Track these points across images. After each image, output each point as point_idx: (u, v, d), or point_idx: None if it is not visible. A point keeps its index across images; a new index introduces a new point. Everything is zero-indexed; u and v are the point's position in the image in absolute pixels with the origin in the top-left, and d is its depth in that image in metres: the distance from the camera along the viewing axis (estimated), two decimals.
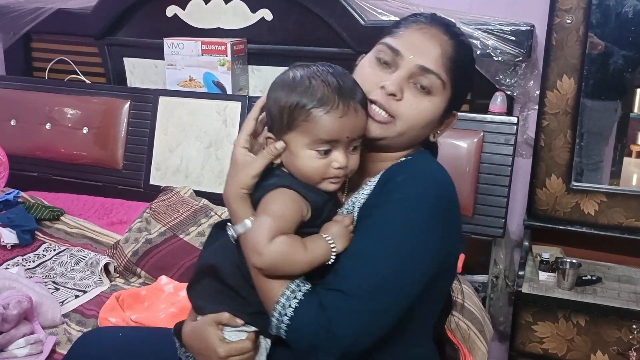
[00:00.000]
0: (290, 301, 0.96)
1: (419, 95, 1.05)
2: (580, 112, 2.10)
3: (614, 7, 2.04)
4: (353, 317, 0.94)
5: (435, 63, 1.04)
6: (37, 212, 2.39)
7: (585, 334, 2.01)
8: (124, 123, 2.63)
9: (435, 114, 1.07)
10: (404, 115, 1.04)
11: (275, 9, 2.50)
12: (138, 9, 2.71)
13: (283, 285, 0.98)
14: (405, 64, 1.05)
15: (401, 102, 1.04)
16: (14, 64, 3.03)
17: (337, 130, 0.98)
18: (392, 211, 0.99)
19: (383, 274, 0.96)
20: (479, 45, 2.15)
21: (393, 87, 1.03)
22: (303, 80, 1.00)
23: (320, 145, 0.99)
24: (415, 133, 1.07)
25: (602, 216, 2.12)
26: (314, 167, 1.00)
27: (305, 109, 0.98)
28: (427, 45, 1.05)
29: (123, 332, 1.40)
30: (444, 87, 1.05)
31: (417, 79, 1.04)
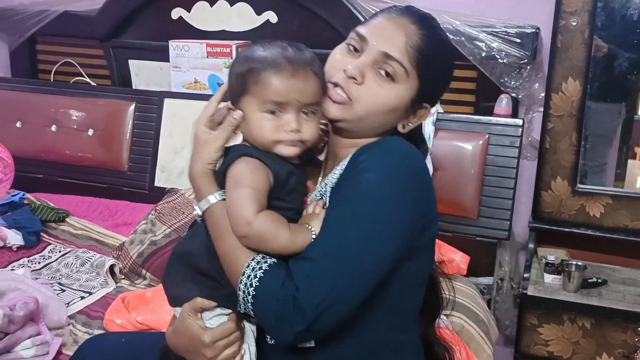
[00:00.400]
0: (256, 272, 0.96)
1: (381, 81, 1.05)
2: (586, 114, 2.09)
3: (619, 9, 2.04)
4: (318, 283, 0.94)
5: (399, 51, 1.05)
6: (43, 214, 2.40)
7: (590, 337, 2.01)
8: (129, 125, 2.64)
9: (397, 102, 1.07)
10: (362, 99, 1.05)
11: (280, 12, 2.50)
12: (143, 12, 2.72)
13: (248, 258, 0.98)
14: (369, 49, 1.06)
15: (361, 86, 1.05)
16: (20, 66, 3.04)
17: (285, 91, 1.00)
18: (360, 183, 1.00)
19: (349, 240, 0.96)
20: (484, 48, 2.15)
21: (354, 71, 1.04)
22: (259, 49, 1.04)
23: (270, 106, 1.01)
24: (375, 119, 1.07)
25: (607, 218, 2.11)
26: (266, 128, 1.02)
27: (255, 72, 1.01)
28: (393, 33, 1.06)
29: (126, 338, 1.40)
30: (408, 75, 1.05)
31: (381, 65, 1.05)
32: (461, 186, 2.15)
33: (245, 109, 1.04)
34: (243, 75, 1.03)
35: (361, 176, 1.01)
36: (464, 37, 2.16)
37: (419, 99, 1.09)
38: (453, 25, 2.17)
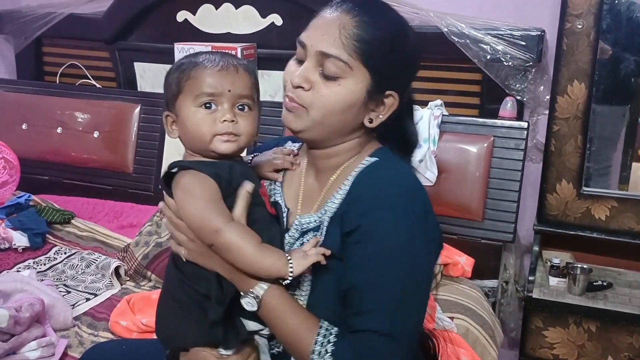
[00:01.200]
0: (326, 346, 0.97)
1: (327, 82, 1.03)
2: (591, 117, 2.09)
3: (625, 12, 2.04)
4: (391, 353, 0.97)
5: (333, 46, 1.01)
6: (48, 216, 2.41)
7: (596, 340, 2.00)
8: (134, 127, 2.65)
9: (350, 98, 1.03)
10: (313, 104, 1.03)
11: (285, 14, 2.51)
12: (149, 14, 2.73)
13: (314, 332, 0.99)
14: (309, 54, 1.05)
15: (310, 91, 1.04)
16: (26, 68, 3.06)
17: (217, 83, 1.02)
18: (384, 231, 0.98)
19: (404, 301, 0.98)
20: (489, 50, 2.15)
21: (297, 80, 1.04)
22: (190, 56, 1.08)
23: (203, 99, 1.02)
24: (334, 119, 1.05)
25: (612, 221, 2.11)
26: (202, 123, 1.02)
27: (187, 70, 1.04)
28: (325, 29, 1.03)
29: (126, 345, 1.40)
30: (350, 67, 1.02)
31: (323, 65, 1.03)
32: (466, 189, 2.15)
33: (180, 110, 1.05)
34: (176, 78, 1.05)
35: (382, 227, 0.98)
36: (469, 40, 2.16)
37: (378, 88, 1.05)
38: (458, 27, 2.17)
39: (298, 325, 1.00)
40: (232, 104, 1.03)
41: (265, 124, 2.44)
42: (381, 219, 0.99)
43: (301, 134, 1.08)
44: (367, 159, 1.09)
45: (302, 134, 1.08)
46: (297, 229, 1.10)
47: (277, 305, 1.00)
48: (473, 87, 2.33)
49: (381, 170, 1.06)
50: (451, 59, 2.28)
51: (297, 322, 1.00)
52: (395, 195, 1.01)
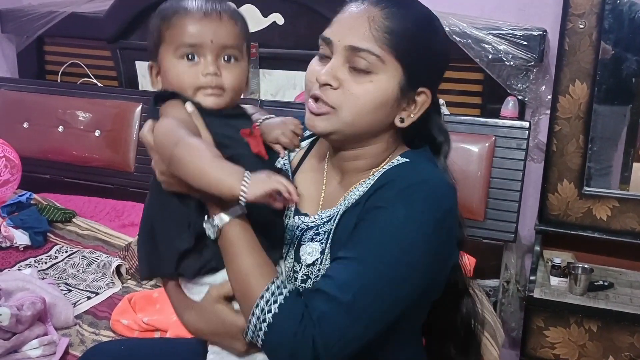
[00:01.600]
0: (276, 297, 0.90)
1: (358, 78, 0.97)
2: (593, 117, 2.09)
3: (627, 12, 2.04)
4: (337, 324, 0.90)
5: (364, 39, 0.95)
6: (49, 214, 2.41)
7: (597, 340, 2.00)
8: (135, 126, 2.65)
9: (383, 94, 0.97)
10: (344, 104, 0.97)
11: (286, 13, 2.51)
12: (150, 13, 2.68)
13: (266, 281, 0.91)
14: (336, 50, 0.98)
15: (339, 90, 0.97)
16: (27, 67, 3.06)
17: (198, 33, 0.96)
18: (390, 221, 0.94)
19: (377, 285, 0.92)
20: (491, 50, 2.15)
21: (326, 77, 0.97)
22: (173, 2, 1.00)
23: (184, 50, 0.96)
24: (366, 120, 0.99)
25: (614, 221, 2.11)
26: (183, 74, 0.97)
27: (167, 18, 0.97)
28: (354, 23, 0.97)
29: (125, 345, 1.38)
30: (384, 62, 0.96)
31: (352, 60, 0.97)
32: (467, 188, 2.15)
33: (162, 61, 0.99)
34: (157, 26, 0.99)
35: (392, 213, 0.94)
36: (471, 40, 2.16)
37: (410, 85, 0.99)
38: (460, 27, 2.17)
39: (253, 267, 0.92)
40: (215, 55, 0.97)
41: None
42: (395, 210, 0.94)
43: (329, 137, 1.02)
44: (398, 158, 1.04)
45: (330, 136, 1.02)
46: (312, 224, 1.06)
47: (236, 239, 0.93)
48: (475, 86, 2.33)
49: (411, 167, 1.01)
50: (453, 58, 2.25)
51: (253, 264, 0.93)
52: (415, 191, 0.96)
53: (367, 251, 0.93)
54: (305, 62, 2.50)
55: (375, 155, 1.05)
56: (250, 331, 0.92)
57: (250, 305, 0.91)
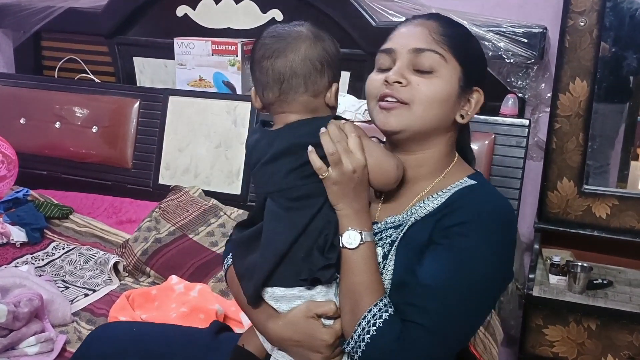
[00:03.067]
0: (382, 313, 0.99)
1: (424, 76, 1.06)
2: (593, 115, 2.08)
3: (627, 9, 2.03)
4: (429, 352, 0.98)
5: (426, 41, 1.07)
6: (46, 211, 2.39)
7: (596, 338, 2.00)
8: (133, 122, 2.64)
9: (448, 89, 1.07)
10: (415, 97, 1.06)
11: (285, 9, 2.50)
12: (148, 9, 2.71)
13: (375, 298, 1.01)
14: (399, 55, 1.08)
15: (408, 87, 1.06)
16: (24, 62, 3.04)
17: None
18: (472, 250, 1.00)
19: (462, 313, 1.00)
20: (491, 47, 2.14)
21: (395, 76, 1.06)
22: (311, 30, 1.09)
23: None
24: (434, 113, 1.07)
25: (613, 220, 2.11)
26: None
27: (339, 61, 1.10)
28: (413, 31, 1.09)
29: (137, 328, 1.39)
30: (446, 60, 1.07)
31: (416, 62, 1.06)
32: None
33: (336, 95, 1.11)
34: (339, 66, 1.10)
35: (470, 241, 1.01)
36: None
37: (467, 82, 1.09)
38: None
39: (370, 283, 1.01)
40: None
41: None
42: (470, 233, 1.01)
43: (400, 134, 1.09)
44: (465, 179, 1.11)
45: (401, 134, 1.09)
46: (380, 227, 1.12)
47: (368, 256, 1.02)
48: None
49: (482, 193, 1.09)
50: None
51: (372, 280, 1.02)
52: (491, 219, 1.03)
53: (453, 279, 1.00)
54: None
55: (437, 161, 1.13)
56: (353, 341, 1.01)
57: (358, 317, 1.00)
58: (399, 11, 2.29)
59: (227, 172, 2.46)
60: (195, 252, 2.04)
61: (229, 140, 2.47)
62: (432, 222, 1.05)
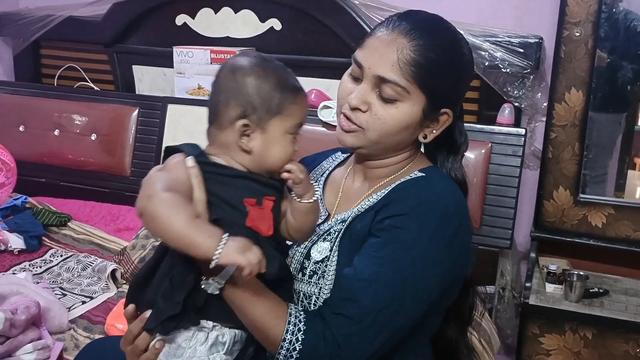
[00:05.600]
0: (296, 335, 0.96)
1: (385, 104, 1.05)
2: (588, 124, 2.10)
3: (622, 20, 2.05)
4: (362, 344, 0.97)
5: (392, 71, 1.02)
6: (45, 218, 2.40)
7: (592, 347, 2.01)
8: (132, 130, 2.64)
9: (407, 119, 1.05)
10: (371, 126, 1.06)
11: (284, 19, 2.51)
12: (148, 17, 2.73)
13: (283, 321, 0.97)
14: (366, 76, 1.06)
15: (367, 113, 1.06)
16: (24, 70, 3.05)
17: (305, 115, 1.04)
18: (405, 240, 0.99)
19: (395, 304, 0.98)
20: (487, 57, 2.16)
21: (355, 102, 1.06)
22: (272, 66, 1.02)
23: (297, 130, 1.03)
24: (391, 140, 1.08)
25: (609, 229, 2.11)
26: (286, 150, 1.02)
27: (293, 94, 1.01)
28: (383, 53, 1.04)
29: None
30: (408, 92, 1.03)
31: (380, 88, 1.04)
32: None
33: (272, 129, 1.00)
34: (280, 97, 0.99)
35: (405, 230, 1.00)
36: None
37: (433, 108, 1.07)
38: None
39: (266, 314, 0.97)
40: None
41: None
42: (405, 225, 1.00)
43: (358, 150, 1.12)
44: (415, 172, 1.11)
45: (359, 150, 1.11)
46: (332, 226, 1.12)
47: (239, 293, 0.96)
48: (471, 93, 2.34)
49: (424, 185, 1.08)
50: None
51: (264, 311, 0.97)
52: (428, 210, 1.02)
53: (385, 271, 0.99)
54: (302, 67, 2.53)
55: (398, 163, 1.14)
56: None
57: (277, 346, 0.97)
58: None
59: None
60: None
61: None
62: (372, 214, 1.06)
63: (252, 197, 0.99)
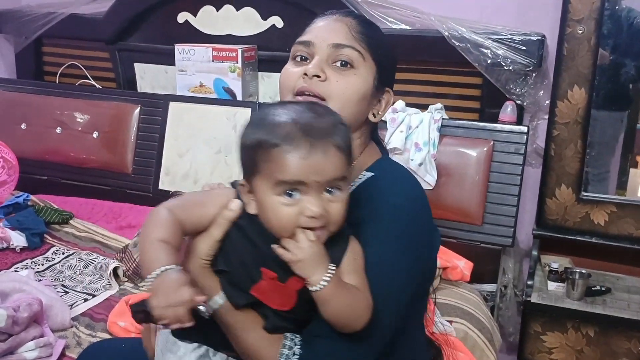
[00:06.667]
0: (291, 358, 0.93)
1: (342, 72, 1.05)
2: (591, 122, 2.09)
3: (625, 18, 2.04)
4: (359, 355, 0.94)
5: (346, 37, 1.05)
6: (47, 216, 2.40)
7: (594, 345, 2.00)
8: (133, 128, 2.64)
9: (365, 87, 1.06)
10: (333, 93, 1.03)
11: (286, 16, 2.51)
12: (149, 15, 2.73)
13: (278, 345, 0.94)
14: (319, 49, 1.06)
15: (326, 82, 1.04)
16: (26, 68, 3.05)
17: (300, 172, 0.85)
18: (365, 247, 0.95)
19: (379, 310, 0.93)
20: (490, 55, 2.15)
21: (314, 70, 1.03)
22: (271, 117, 0.89)
23: (283, 188, 0.86)
24: (351, 111, 1.04)
25: (612, 226, 2.11)
26: (281, 216, 0.87)
27: (265, 147, 0.86)
28: (333, 26, 1.07)
29: (126, 343, 1.39)
30: (364, 58, 1.05)
31: (335, 57, 1.05)
32: (466, 193, 2.15)
33: (257, 191, 0.89)
34: (252, 150, 0.89)
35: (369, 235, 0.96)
36: (470, 44, 2.17)
37: (380, 82, 1.09)
38: (459, 32, 2.18)
39: (260, 339, 0.94)
40: (320, 191, 0.87)
41: None
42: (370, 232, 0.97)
43: None
44: (364, 173, 1.07)
45: None
46: None
47: (231, 320, 0.94)
48: (473, 91, 2.34)
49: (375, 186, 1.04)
50: (452, 62, 2.28)
51: (259, 336, 0.94)
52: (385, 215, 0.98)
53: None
54: None
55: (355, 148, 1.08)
56: None
57: None
58: (398, 19, 2.31)
59: (227, 178, 2.42)
60: None
61: (229, 146, 2.47)
62: None
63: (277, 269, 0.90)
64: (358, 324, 0.90)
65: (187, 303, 0.81)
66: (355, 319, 0.90)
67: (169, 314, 0.81)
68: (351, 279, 0.91)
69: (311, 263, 0.87)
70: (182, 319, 0.82)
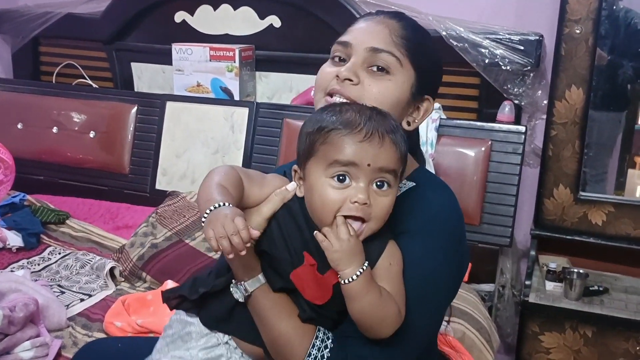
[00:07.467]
0: (323, 352, 0.94)
1: (377, 77, 1.02)
2: (589, 122, 2.09)
3: (623, 18, 2.05)
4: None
5: (385, 42, 1.02)
6: (43, 216, 2.39)
7: (592, 345, 2.00)
8: (130, 128, 2.64)
9: (398, 93, 1.02)
10: (364, 97, 1.01)
11: (283, 16, 2.51)
12: (147, 15, 2.72)
13: (310, 338, 0.95)
14: (356, 51, 1.03)
15: (359, 86, 1.01)
16: (22, 67, 3.04)
17: (356, 153, 0.88)
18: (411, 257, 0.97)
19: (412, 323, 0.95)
20: (488, 54, 2.15)
21: (347, 73, 1.01)
22: (334, 110, 0.94)
23: (336, 169, 0.88)
24: None
25: (609, 227, 2.11)
26: (327, 198, 0.88)
27: (325, 131, 0.90)
28: (374, 29, 1.04)
29: (122, 343, 1.39)
30: (401, 64, 1.02)
31: (371, 61, 1.02)
32: (463, 192, 2.15)
33: (309, 174, 0.92)
34: (312, 134, 0.92)
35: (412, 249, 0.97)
36: (468, 44, 2.17)
37: (419, 90, 1.05)
38: (457, 31, 2.18)
39: (292, 329, 0.95)
40: (369, 180, 0.89)
41: (264, 125, 2.44)
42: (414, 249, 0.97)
43: None
44: (405, 182, 1.06)
45: None
46: None
47: (268, 305, 0.96)
48: (471, 91, 2.34)
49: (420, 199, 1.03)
50: (449, 62, 2.27)
51: (292, 326, 0.95)
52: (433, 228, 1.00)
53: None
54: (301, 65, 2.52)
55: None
56: None
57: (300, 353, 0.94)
58: None
59: None
60: (191, 258, 2.04)
61: (227, 146, 2.47)
62: None
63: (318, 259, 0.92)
64: (383, 329, 0.91)
65: (242, 232, 0.83)
66: (380, 322, 0.90)
67: (224, 244, 0.82)
68: (382, 283, 0.91)
69: (346, 256, 0.87)
70: (237, 246, 0.82)
